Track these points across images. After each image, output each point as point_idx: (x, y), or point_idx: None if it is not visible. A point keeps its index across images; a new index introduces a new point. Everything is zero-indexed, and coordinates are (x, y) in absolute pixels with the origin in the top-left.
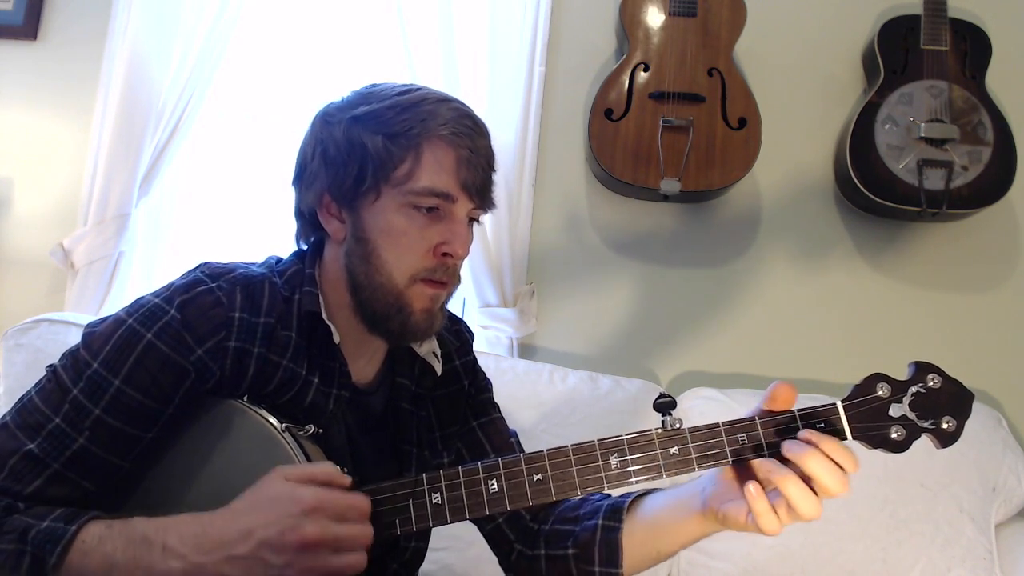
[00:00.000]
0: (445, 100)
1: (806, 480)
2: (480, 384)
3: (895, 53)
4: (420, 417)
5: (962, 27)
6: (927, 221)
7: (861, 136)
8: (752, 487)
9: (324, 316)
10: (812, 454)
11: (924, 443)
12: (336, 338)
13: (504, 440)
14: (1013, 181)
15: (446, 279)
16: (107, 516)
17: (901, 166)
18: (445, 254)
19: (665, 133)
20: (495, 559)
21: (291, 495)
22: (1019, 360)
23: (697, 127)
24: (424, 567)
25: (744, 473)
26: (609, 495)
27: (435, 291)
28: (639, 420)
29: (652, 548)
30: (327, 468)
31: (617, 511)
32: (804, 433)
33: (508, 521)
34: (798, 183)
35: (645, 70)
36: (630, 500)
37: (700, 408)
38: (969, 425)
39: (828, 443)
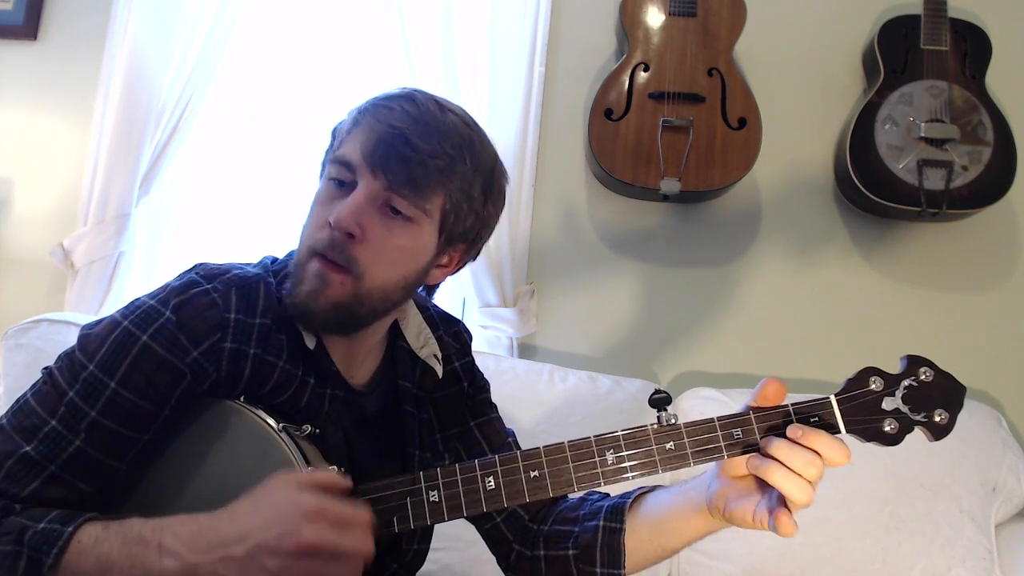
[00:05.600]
0: (411, 93)
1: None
2: (478, 385)
3: (895, 53)
4: (422, 419)
5: (962, 27)
6: (927, 221)
7: (861, 136)
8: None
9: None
10: (780, 446)
11: (919, 437)
12: (310, 343)
13: (502, 440)
14: (1013, 181)
15: (340, 261)
16: (104, 517)
17: (901, 166)
18: (330, 223)
19: (665, 133)
20: (495, 559)
21: (293, 500)
22: (1019, 360)
23: (697, 127)
24: (424, 567)
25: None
26: (608, 495)
27: (321, 268)
28: (639, 420)
29: (657, 546)
30: (326, 473)
31: (619, 512)
32: (791, 429)
33: (506, 521)
34: (798, 183)
35: (645, 70)
36: (631, 500)
37: (700, 408)
38: (969, 425)
39: (814, 436)
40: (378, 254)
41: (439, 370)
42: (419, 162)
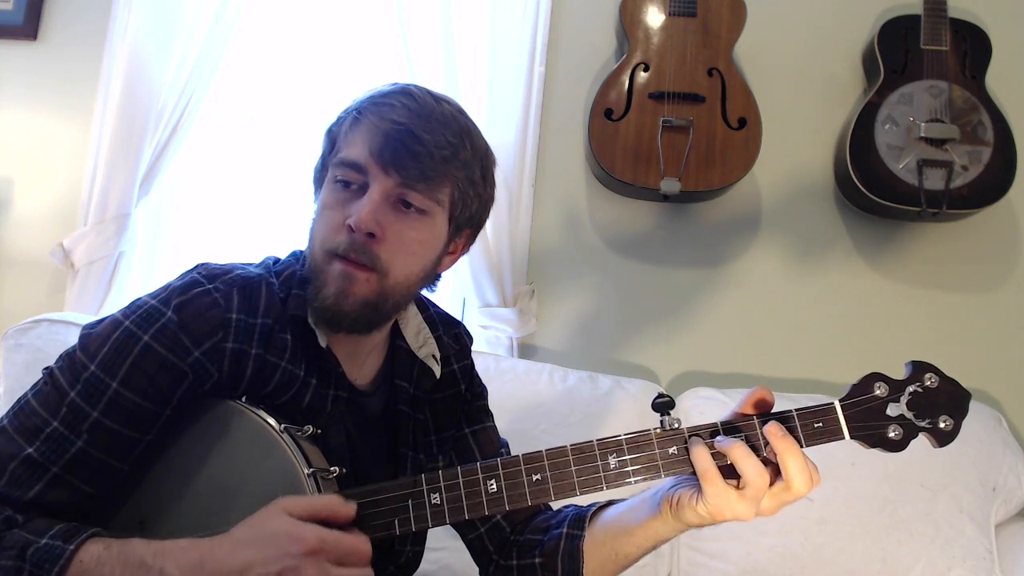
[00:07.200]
0: (406, 87)
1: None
2: (476, 390)
3: (895, 53)
4: (417, 420)
5: (962, 27)
6: (927, 221)
7: (861, 136)
8: (698, 447)
9: (310, 320)
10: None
11: (923, 442)
12: (323, 342)
13: (495, 449)
14: (1013, 181)
15: (364, 261)
16: (106, 534)
17: (901, 166)
18: (349, 226)
19: (665, 133)
20: None
21: (293, 533)
22: (1019, 360)
23: (697, 127)
24: (423, 567)
25: None
26: (580, 506)
27: (345, 268)
28: (639, 420)
29: (611, 550)
30: (329, 500)
31: (580, 519)
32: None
33: (489, 533)
34: (798, 183)
35: (645, 70)
36: (594, 508)
37: (700, 408)
38: (969, 425)
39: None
40: (398, 250)
41: (437, 371)
42: (427, 154)
